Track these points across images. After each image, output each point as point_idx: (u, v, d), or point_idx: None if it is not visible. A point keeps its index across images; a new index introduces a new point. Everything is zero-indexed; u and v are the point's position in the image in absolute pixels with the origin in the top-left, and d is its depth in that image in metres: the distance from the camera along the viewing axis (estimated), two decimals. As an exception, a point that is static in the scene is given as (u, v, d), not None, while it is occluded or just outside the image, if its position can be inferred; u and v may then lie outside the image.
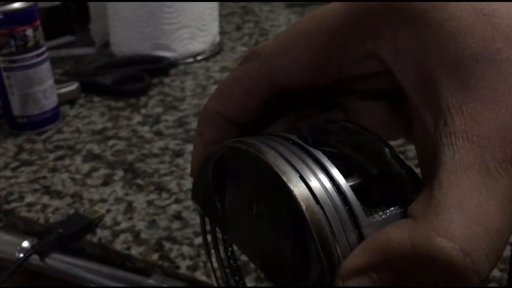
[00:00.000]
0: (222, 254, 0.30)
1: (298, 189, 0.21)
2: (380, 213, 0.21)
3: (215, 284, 0.31)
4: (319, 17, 0.23)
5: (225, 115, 0.26)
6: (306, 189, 0.21)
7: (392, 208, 0.21)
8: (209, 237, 0.30)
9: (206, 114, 0.27)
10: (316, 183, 0.21)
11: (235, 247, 0.29)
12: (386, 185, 0.22)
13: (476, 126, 0.19)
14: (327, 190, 0.21)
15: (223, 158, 0.24)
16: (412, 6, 0.21)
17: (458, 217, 0.18)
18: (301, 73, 0.24)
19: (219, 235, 0.29)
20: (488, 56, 0.19)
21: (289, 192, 0.20)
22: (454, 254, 0.18)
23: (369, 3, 0.21)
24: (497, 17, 0.20)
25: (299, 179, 0.21)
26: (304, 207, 0.20)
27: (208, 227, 0.29)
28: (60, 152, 0.68)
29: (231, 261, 0.30)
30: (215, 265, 0.30)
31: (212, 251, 0.30)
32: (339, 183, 0.21)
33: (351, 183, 0.22)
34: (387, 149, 0.23)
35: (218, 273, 0.30)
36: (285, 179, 0.21)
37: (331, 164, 0.22)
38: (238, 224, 0.25)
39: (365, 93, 0.27)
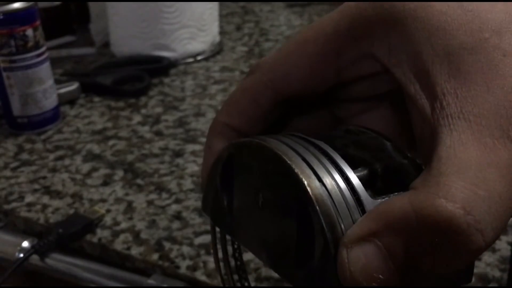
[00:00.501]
0: (231, 260, 0.30)
1: (300, 168, 0.21)
2: (383, 196, 0.21)
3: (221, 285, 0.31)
4: (316, 26, 0.25)
5: (232, 126, 0.27)
6: (308, 168, 0.21)
7: (396, 193, 0.22)
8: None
9: (215, 127, 0.27)
10: (319, 165, 0.22)
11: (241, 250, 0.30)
12: (390, 177, 0.23)
13: (472, 107, 0.20)
14: (330, 172, 0.21)
15: (230, 159, 0.25)
16: (401, 5, 0.22)
17: (458, 182, 0.19)
18: (302, 78, 0.25)
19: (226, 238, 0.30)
20: (477, 45, 0.21)
21: (291, 170, 0.21)
22: (455, 212, 0.18)
23: (362, 9, 0.23)
24: (482, 12, 0.21)
25: (301, 160, 0.22)
26: (306, 183, 0.21)
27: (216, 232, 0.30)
28: (60, 152, 0.68)
29: (238, 263, 0.30)
30: (223, 270, 0.30)
31: (219, 254, 0.30)
32: (341, 167, 0.22)
33: (356, 174, 0.22)
34: (388, 143, 0.24)
35: (225, 276, 0.30)
36: (287, 159, 0.21)
37: (334, 151, 0.22)
38: (246, 221, 0.25)
39: (365, 102, 0.28)
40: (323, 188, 0.21)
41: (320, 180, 0.21)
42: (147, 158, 0.66)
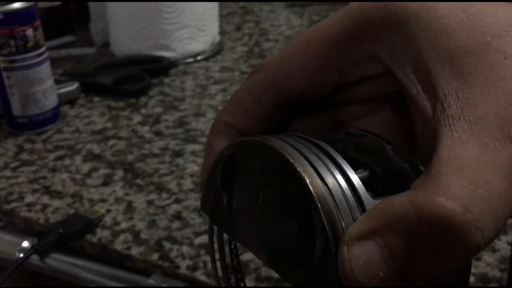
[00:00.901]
0: (227, 258, 0.30)
1: (303, 167, 0.21)
2: (383, 197, 0.22)
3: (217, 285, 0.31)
4: (319, 28, 0.25)
5: (234, 126, 0.27)
6: (311, 167, 0.21)
7: (396, 194, 0.22)
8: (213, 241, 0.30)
9: (216, 126, 0.27)
10: (321, 164, 0.22)
11: (239, 251, 0.30)
12: (390, 179, 0.23)
13: (472, 108, 0.20)
14: (331, 172, 0.22)
15: (232, 158, 0.25)
16: (404, 8, 0.22)
17: (457, 181, 0.19)
18: (305, 79, 0.25)
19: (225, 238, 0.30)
20: (479, 48, 0.21)
21: (294, 168, 0.21)
22: (454, 210, 0.18)
23: (365, 11, 0.23)
24: (484, 15, 0.21)
25: (304, 159, 0.22)
26: (308, 181, 0.21)
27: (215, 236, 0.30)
28: (60, 152, 0.68)
29: (235, 263, 0.30)
30: (219, 271, 0.30)
31: (217, 255, 0.30)
32: (343, 167, 0.22)
33: (357, 175, 0.22)
34: (389, 147, 0.24)
35: (221, 276, 0.30)
36: (289, 158, 0.22)
37: (335, 152, 0.23)
38: (245, 221, 0.25)
39: (366, 105, 0.28)
40: (325, 186, 0.21)
41: (322, 179, 0.21)
42: (147, 158, 0.66)
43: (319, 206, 0.21)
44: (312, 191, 0.21)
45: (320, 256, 0.21)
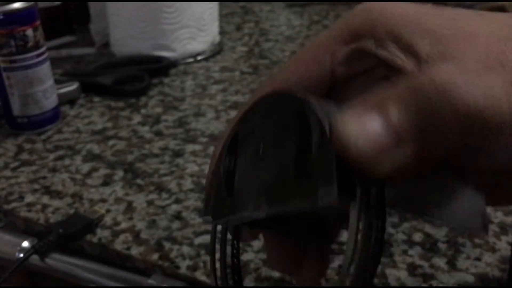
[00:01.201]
0: (228, 258, 0.30)
1: (300, 93, 0.23)
2: None
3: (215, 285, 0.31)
4: (313, 41, 0.28)
5: None
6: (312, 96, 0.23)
7: None
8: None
9: (221, 138, 0.29)
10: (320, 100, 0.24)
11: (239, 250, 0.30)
12: None
13: (456, 54, 0.22)
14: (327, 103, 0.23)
15: (234, 139, 0.27)
16: (383, 5, 0.26)
17: (446, 65, 0.21)
18: (299, 82, 0.28)
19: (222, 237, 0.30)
20: (453, 25, 0.23)
21: (291, 95, 0.24)
22: (448, 71, 0.21)
23: (350, 17, 0.27)
24: (453, 9, 0.25)
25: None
26: (300, 93, 0.23)
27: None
28: (60, 152, 0.68)
29: (235, 262, 0.30)
30: (218, 269, 0.31)
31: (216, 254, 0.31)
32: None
33: None
34: None
35: (219, 274, 0.31)
36: (287, 91, 0.24)
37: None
38: (246, 185, 0.26)
39: None
40: (318, 100, 0.23)
41: (317, 99, 0.23)
42: (147, 158, 0.66)
43: (311, 102, 0.22)
44: (305, 98, 0.22)
45: (317, 148, 0.21)
